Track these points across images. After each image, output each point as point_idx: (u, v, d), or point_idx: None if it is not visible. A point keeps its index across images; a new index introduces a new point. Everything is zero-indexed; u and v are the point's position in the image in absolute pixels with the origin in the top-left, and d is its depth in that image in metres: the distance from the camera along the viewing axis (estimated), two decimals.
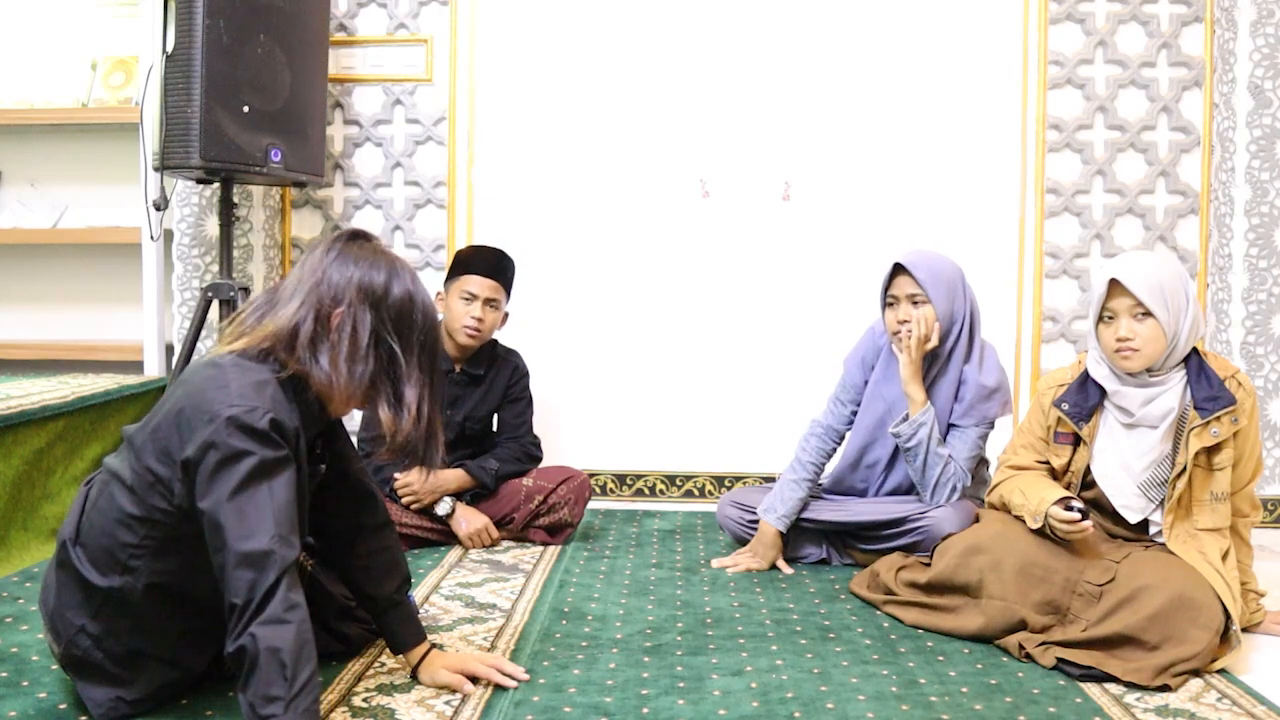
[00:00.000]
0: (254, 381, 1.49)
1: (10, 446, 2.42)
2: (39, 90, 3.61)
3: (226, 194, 2.99)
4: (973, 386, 2.48)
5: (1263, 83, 3.12)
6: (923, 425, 2.43)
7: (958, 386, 2.50)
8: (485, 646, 1.97)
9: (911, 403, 2.45)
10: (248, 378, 1.50)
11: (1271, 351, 3.16)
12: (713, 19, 3.36)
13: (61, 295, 3.68)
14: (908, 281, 2.43)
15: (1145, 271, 2.00)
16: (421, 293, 1.61)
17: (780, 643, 2.02)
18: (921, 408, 2.44)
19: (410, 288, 1.59)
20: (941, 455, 2.45)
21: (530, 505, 2.78)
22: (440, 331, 1.64)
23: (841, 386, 2.66)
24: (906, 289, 2.44)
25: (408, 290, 1.59)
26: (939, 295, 2.42)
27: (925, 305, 2.42)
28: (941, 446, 2.46)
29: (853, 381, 2.63)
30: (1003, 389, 2.51)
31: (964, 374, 2.50)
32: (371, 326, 1.56)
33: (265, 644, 1.35)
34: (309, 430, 1.59)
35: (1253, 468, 2.07)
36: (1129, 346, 2.00)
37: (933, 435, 2.44)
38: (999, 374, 2.52)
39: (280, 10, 2.90)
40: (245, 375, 1.50)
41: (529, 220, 3.42)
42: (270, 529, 1.41)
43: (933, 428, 2.44)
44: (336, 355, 1.54)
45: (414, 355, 1.58)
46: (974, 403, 2.48)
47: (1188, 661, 1.82)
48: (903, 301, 2.45)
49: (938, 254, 2.51)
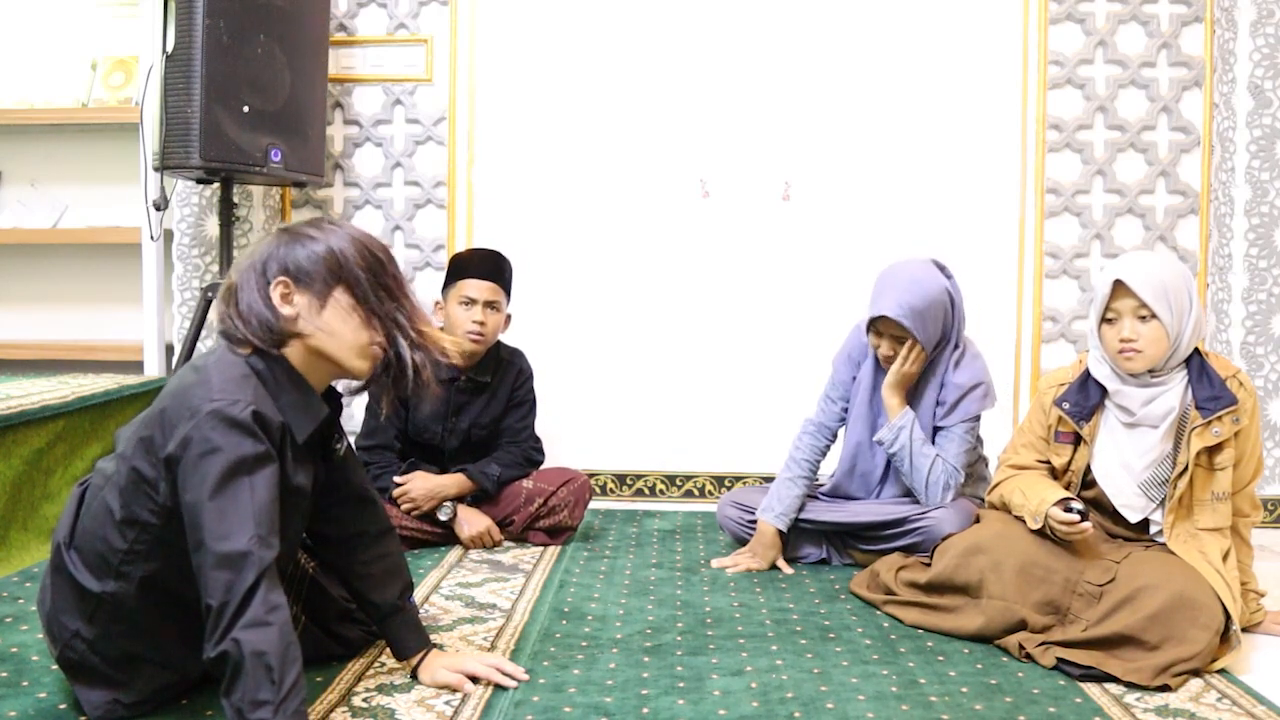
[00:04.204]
0: (235, 376, 1.49)
1: (10, 446, 2.42)
2: (39, 90, 3.61)
3: (226, 194, 2.99)
4: (951, 388, 2.52)
5: (1263, 83, 3.12)
6: (902, 429, 2.46)
7: (940, 390, 2.53)
8: (485, 646, 1.97)
9: (889, 409, 2.50)
10: (229, 372, 1.49)
11: (1271, 351, 3.16)
12: (713, 19, 3.36)
13: (61, 295, 3.68)
14: (890, 324, 2.45)
15: (1149, 273, 2.00)
16: (348, 240, 1.58)
17: (780, 643, 2.02)
18: (899, 412, 2.48)
19: (336, 242, 1.57)
20: (928, 455, 2.46)
21: (530, 508, 2.78)
22: (388, 260, 1.60)
23: (831, 384, 2.68)
24: (891, 329, 2.46)
25: (341, 241, 1.57)
26: (920, 328, 2.43)
27: (910, 342, 2.46)
28: (927, 446, 2.47)
29: (841, 379, 2.67)
30: (982, 384, 2.52)
31: (944, 378, 2.53)
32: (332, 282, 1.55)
33: (250, 648, 1.33)
34: (306, 424, 1.58)
35: (1253, 468, 2.08)
36: (1132, 347, 2.00)
37: (914, 436, 2.46)
38: (976, 370, 2.53)
39: (280, 10, 2.90)
40: (226, 370, 1.50)
41: (529, 220, 3.42)
42: (249, 529, 1.39)
43: (913, 429, 2.46)
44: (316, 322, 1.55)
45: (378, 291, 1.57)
46: (954, 403, 2.51)
47: (1188, 661, 1.82)
48: (887, 337, 2.48)
49: (914, 279, 2.45)
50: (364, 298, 1.56)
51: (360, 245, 1.57)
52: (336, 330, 1.55)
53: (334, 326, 1.55)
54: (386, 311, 1.57)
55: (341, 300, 1.55)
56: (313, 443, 1.63)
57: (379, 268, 1.57)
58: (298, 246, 1.56)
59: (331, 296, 1.55)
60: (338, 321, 1.55)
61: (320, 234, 1.57)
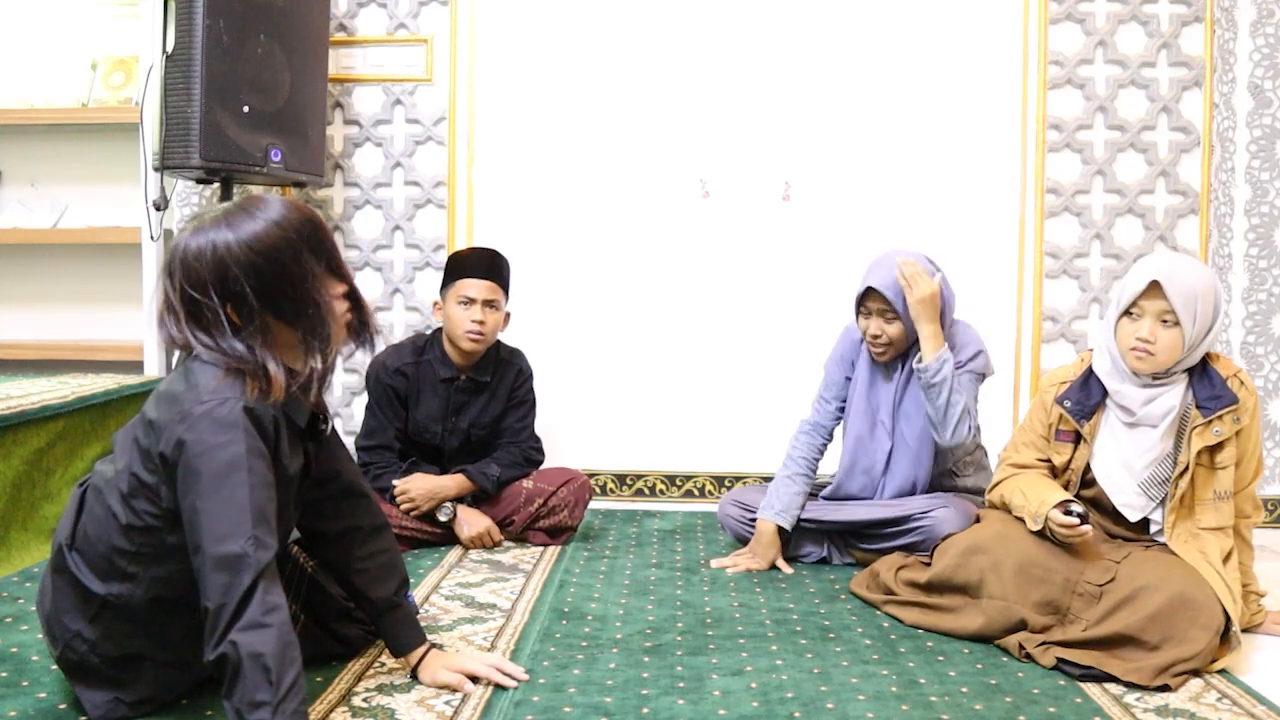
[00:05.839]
0: (221, 374, 1.49)
1: (10, 446, 2.42)
2: (39, 90, 3.61)
3: (226, 194, 2.99)
4: (953, 349, 2.51)
5: (1263, 83, 3.12)
6: (945, 361, 2.44)
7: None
8: (485, 646, 1.97)
9: (926, 340, 2.45)
10: (216, 372, 1.49)
11: (1271, 351, 3.16)
12: (713, 19, 3.36)
13: (61, 295, 3.68)
14: (877, 299, 2.50)
15: (1186, 281, 1.98)
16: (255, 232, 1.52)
17: (780, 643, 2.02)
18: (938, 346, 2.45)
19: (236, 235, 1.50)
20: (961, 397, 2.45)
21: (530, 508, 2.78)
22: (318, 228, 1.56)
23: (824, 385, 2.71)
24: (878, 304, 2.51)
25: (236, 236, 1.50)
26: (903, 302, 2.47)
27: (896, 322, 2.51)
28: (959, 387, 2.46)
29: (834, 379, 2.69)
30: (981, 351, 2.55)
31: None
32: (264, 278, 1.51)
33: (247, 650, 1.33)
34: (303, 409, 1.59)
35: (1254, 467, 2.07)
36: (1147, 349, 2.00)
37: (954, 372, 2.45)
38: (972, 337, 2.56)
39: (280, 10, 2.90)
40: (213, 371, 1.49)
41: (529, 220, 3.42)
42: (245, 530, 1.39)
43: (951, 364, 2.45)
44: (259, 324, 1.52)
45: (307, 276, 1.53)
46: (957, 360, 2.51)
47: (1188, 661, 1.82)
48: (875, 315, 2.53)
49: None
50: (265, 308, 1.52)
51: (242, 252, 1.50)
52: (282, 342, 1.54)
53: (281, 339, 1.54)
54: (293, 306, 1.53)
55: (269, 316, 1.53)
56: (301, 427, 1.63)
57: (262, 271, 1.51)
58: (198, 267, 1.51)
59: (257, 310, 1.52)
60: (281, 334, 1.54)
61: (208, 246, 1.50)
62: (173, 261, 1.51)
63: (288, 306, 1.52)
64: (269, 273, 1.50)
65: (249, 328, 1.50)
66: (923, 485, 2.56)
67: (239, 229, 1.50)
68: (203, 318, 1.50)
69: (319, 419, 1.68)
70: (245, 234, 1.50)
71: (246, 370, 1.49)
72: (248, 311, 1.50)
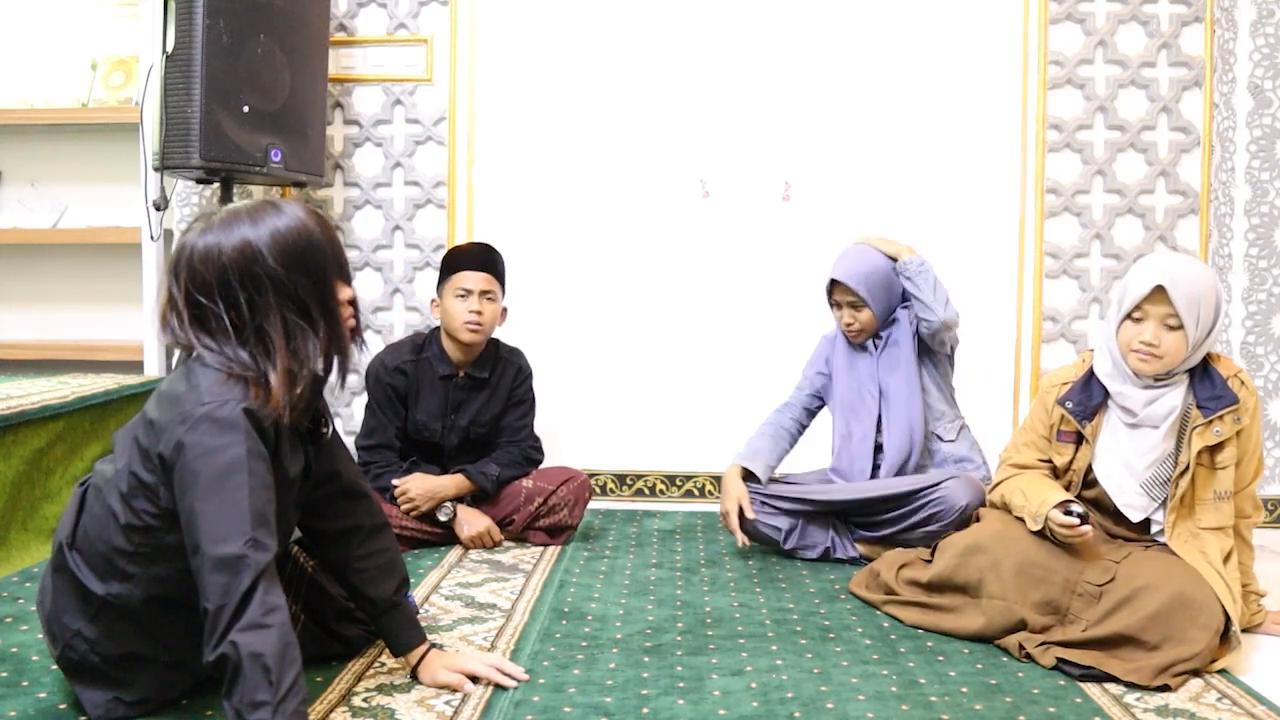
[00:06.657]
0: (223, 376, 1.48)
1: (10, 446, 2.42)
2: (39, 90, 3.61)
3: (226, 194, 2.99)
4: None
5: (1263, 83, 3.12)
6: (923, 259, 2.63)
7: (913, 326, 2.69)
8: (485, 646, 1.97)
9: (902, 253, 2.65)
10: (217, 374, 1.49)
11: (1271, 351, 3.16)
12: (713, 19, 3.36)
13: (61, 295, 3.68)
14: (843, 290, 2.68)
15: (1191, 285, 1.97)
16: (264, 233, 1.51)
17: (780, 643, 2.02)
18: (913, 252, 2.65)
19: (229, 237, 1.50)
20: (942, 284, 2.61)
21: (530, 507, 2.78)
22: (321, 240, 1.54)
23: (803, 379, 2.88)
24: (845, 295, 2.68)
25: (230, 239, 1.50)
26: (868, 292, 2.64)
27: (864, 309, 2.67)
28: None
29: (807, 376, 2.86)
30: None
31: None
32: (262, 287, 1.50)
33: (247, 650, 1.33)
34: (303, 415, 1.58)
35: (1254, 467, 2.07)
36: (1151, 352, 2.00)
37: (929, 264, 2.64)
38: None
39: (280, 10, 2.90)
40: (213, 372, 1.49)
41: (529, 220, 3.42)
42: (245, 531, 1.39)
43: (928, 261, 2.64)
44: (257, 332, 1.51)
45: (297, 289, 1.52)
46: None
47: (1187, 661, 1.82)
48: (845, 306, 2.70)
49: (861, 255, 2.69)
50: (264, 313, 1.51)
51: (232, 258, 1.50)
52: (279, 347, 1.51)
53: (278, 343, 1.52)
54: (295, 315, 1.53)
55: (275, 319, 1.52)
56: (302, 428, 1.63)
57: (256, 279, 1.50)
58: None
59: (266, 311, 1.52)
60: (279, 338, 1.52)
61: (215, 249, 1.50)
62: (178, 263, 1.51)
63: (304, 310, 1.51)
64: (284, 278, 1.49)
65: (253, 333, 1.50)
66: (918, 434, 2.63)
67: (260, 228, 1.50)
68: (207, 321, 1.50)
69: (320, 422, 1.68)
70: (266, 235, 1.49)
71: (249, 378, 1.49)
72: (253, 316, 1.50)
